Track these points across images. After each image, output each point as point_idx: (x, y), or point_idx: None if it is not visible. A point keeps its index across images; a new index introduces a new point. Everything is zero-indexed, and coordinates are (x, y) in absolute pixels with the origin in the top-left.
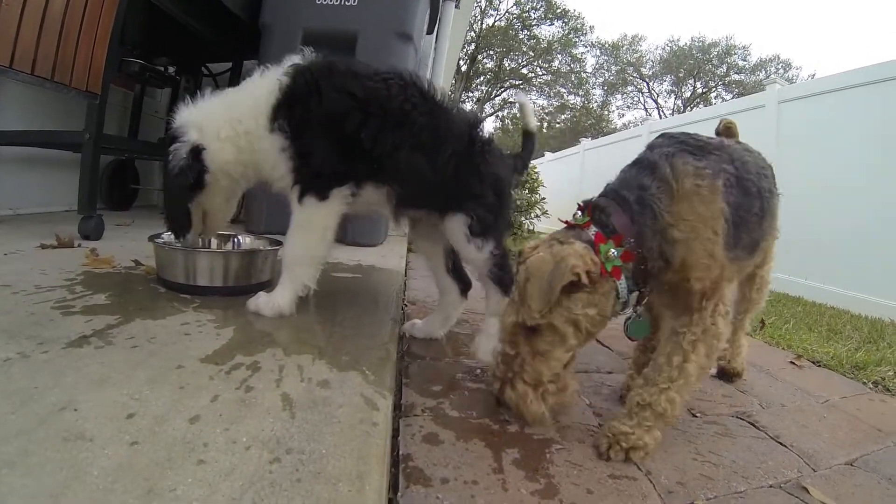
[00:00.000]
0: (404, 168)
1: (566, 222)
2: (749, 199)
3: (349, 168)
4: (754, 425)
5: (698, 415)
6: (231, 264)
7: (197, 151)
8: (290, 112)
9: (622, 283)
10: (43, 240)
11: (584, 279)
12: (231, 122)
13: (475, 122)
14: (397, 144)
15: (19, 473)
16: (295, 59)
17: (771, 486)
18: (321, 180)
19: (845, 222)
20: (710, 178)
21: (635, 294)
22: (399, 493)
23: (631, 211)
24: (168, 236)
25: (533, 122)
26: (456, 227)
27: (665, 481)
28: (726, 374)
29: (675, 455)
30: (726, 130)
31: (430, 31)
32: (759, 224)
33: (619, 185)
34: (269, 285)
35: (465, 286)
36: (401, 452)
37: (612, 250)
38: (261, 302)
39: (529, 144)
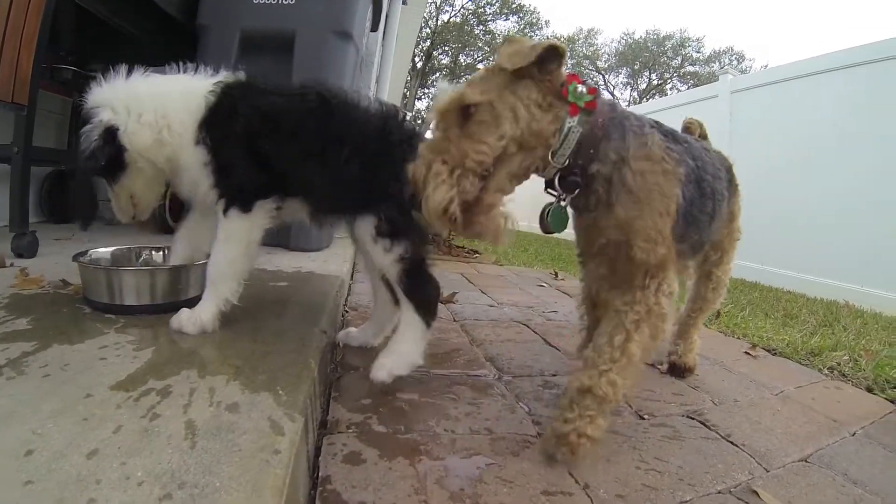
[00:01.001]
0: (305, 177)
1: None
2: (703, 199)
3: (268, 181)
4: (705, 424)
5: (646, 417)
6: (157, 281)
7: (111, 132)
8: (213, 130)
9: (569, 124)
10: None
11: (561, 57)
12: (156, 110)
13: (392, 114)
14: (294, 155)
15: None
16: (223, 76)
17: (719, 493)
18: (244, 193)
19: (799, 207)
20: (674, 162)
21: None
22: None
23: (611, 118)
24: (94, 253)
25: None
26: (364, 228)
27: (604, 495)
28: (678, 369)
29: (618, 464)
30: (688, 129)
31: (374, 29)
32: (708, 225)
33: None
34: (198, 301)
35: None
36: (321, 474)
37: (582, 89)
38: (183, 318)
39: None
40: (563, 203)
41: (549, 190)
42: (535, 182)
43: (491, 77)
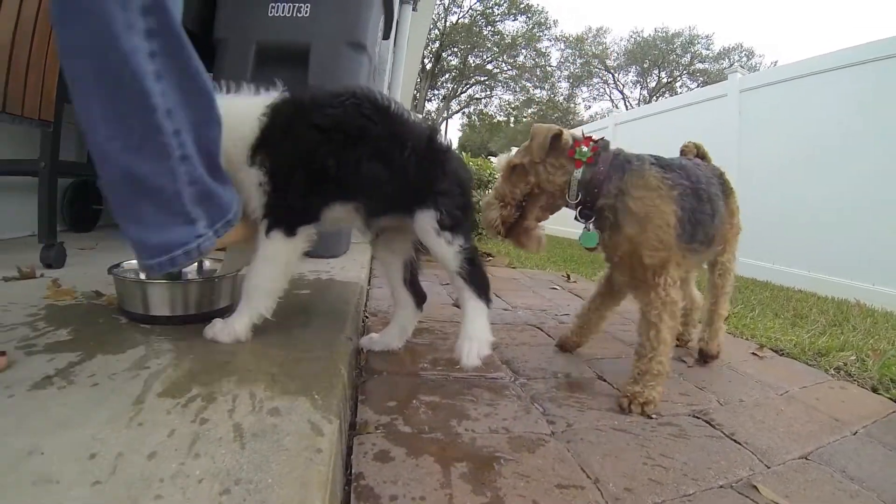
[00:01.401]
0: (368, 179)
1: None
2: (702, 203)
3: (319, 201)
4: (710, 424)
5: (654, 416)
6: (190, 293)
7: None
8: (265, 153)
9: (576, 175)
10: (4, 270)
11: (563, 139)
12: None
13: (433, 129)
14: (358, 159)
15: None
16: (272, 96)
17: (721, 487)
18: (291, 217)
19: (809, 205)
20: (668, 187)
21: (591, 223)
22: None
23: (613, 163)
24: (128, 264)
25: None
26: (426, 221)
27: (613, 489)
28: (703, 355)
29: (626, 461)
30: (684, 152)
31: (385, 37)
32: (711, 222)
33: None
34: (228, 311)
35: (420, 299)
36: (353, 471)
37: (585, 149)
38: (217, 329)
39: None
40: (589, 228)
41: (576, 218)
42: None
43: (527, 149)
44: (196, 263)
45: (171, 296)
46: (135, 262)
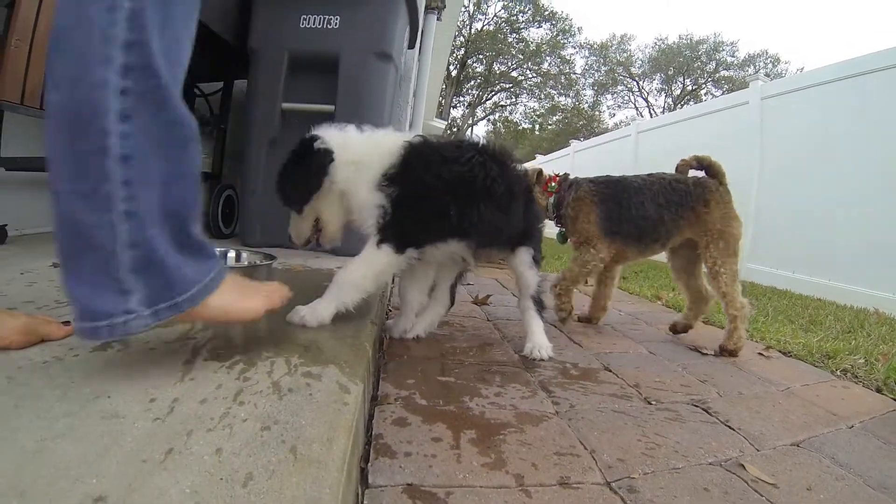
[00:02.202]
0: (487, 227)
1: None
2: (622, 208)
3: (436, 236)
4: (707, 411)
5: (653, 402)
6: None
7: (329, 153)
8: (395, 182)
9: (549, 199)
10: (53, 258)
11: (544, 175)
12: (360, 155)
13: (524, 173)
14: (482, 212)
15: (70, 441)
16: (408, 137)
17: (710, 464)
18: (405, 239)
19: (831, 214)
20: (590, 195)
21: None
22: (369, 463)
23: (568, 187)
24: None
25: None
26: (525, 258)
27: (607, 458)
28: (722, 350)
29: (622, 437)
30: (679, 168)
31: (411, 47)
32: (644, 218)
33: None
34: None
35: (452, 302)
36: (374, 432)
37: (553, 184)
38: (304, 313)
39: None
40: (562, 233)
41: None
42: None
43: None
44: (234, 252)
45: None
46: None
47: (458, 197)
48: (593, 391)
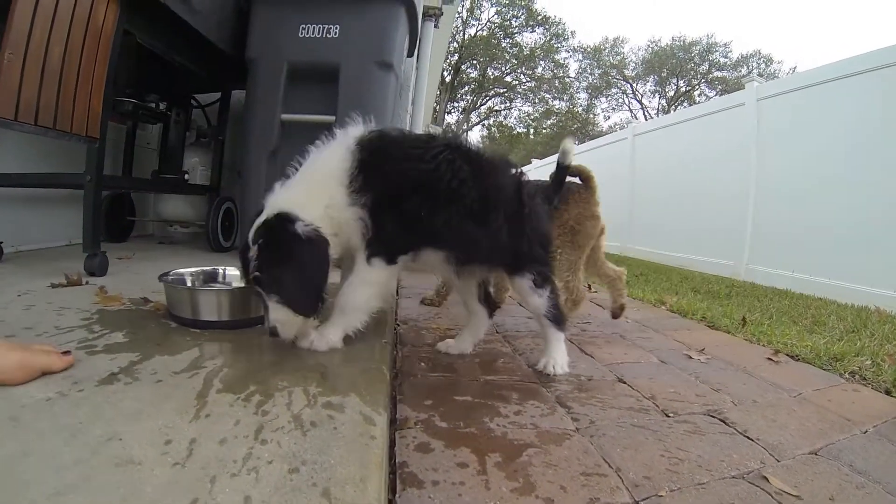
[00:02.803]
0: (461, 236)
1: None
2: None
3: (415, 238)
4: (724, 422)
5: (671, 415)
6: (235, 300)
7: (319, 235)
8: (361, 190)
9: None
10: (51, 278)
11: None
12: (322, 196)
13: (520, 183)
14: (451, 217)
15: (83, 494)
16: (356, 131)
17: (733, 477)
18: (392, 248)
19: (829, 213)
20: None
21: None
22: (397, 495)
23: None
24: (174, 275)
25: (569, 159)
26: (522, 284)
27: (633, 476)
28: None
29: (645, 453)
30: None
31: (410, 55)
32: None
33: None
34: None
35: (493, 309)
36: (397, 460)
37: None
38: (313, 338)
39: (561, 175)
40: None
41: None
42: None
43: None
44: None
45: (218, 302)
46: (182, 269)
47: (423, 199)
48: (611, 405)
